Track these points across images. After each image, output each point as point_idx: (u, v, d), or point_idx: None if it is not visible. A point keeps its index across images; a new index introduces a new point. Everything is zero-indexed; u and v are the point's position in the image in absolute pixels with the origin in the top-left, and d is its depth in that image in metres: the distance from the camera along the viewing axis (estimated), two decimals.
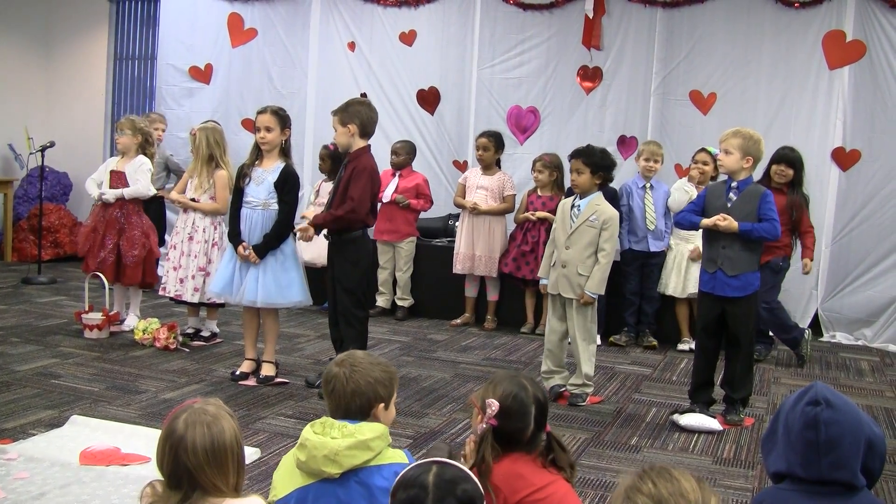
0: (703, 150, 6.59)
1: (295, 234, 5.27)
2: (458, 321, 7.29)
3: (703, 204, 4.80)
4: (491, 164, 7.18)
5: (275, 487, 2.50)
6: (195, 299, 5.88)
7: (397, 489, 1.96)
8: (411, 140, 7.83)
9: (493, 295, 7.28)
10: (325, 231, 5.13)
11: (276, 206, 5.12)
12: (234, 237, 5.18)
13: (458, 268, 7.20)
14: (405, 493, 1.93)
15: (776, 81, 7.42)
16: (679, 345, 6.71)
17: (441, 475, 1.95)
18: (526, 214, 6.92)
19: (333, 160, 7.29)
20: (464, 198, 7.23)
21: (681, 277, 6.57)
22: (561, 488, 2.45)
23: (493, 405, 2.44)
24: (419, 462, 2.03)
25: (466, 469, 2.02)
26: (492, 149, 7.12)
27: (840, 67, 7.24)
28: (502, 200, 7.15)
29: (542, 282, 5.25)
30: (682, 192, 6.46)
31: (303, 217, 5.22)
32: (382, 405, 2.53)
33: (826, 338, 7.32)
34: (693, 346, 6.62)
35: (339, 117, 5.00)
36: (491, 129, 7.45)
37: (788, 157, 6.14)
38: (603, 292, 5.07)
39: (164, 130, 8.01)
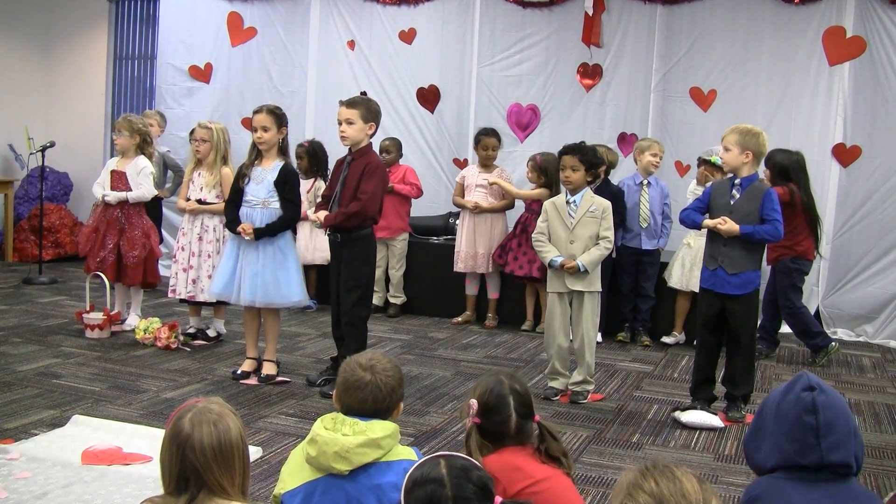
0: (706, 161, 6.36)
1: (295, 233, 5.27)
2: (459, 319, 7.29)
3: (708, 201, 4.80)
4: (490, 159, 7.20)
5: (283, 480, 2.51)
6: (213, 299, 5.86)
7: (411, 488, 1.95)
8: (400, 138, 7.80)
9: (493, 293, 7.27)
10: (327, 229, 5.10)
11: (275, 205, 5.10)
12: (233, 222, 5.16)
13: (460, 266, 7.19)
14: (422, 489, 1.93)
15: (776, 78, 7.41)
16: (665, 337, 6.76)
17: (452, 465, 1.96)
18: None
19: (311, 157, 7.29)
20: (462, 196, 7.23)
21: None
22: (560, 483, 2.47)
23: (473, 404, 2.54)
24: (424, 459, 2.03)
25: (471, 458, 2.04)
26: (499, 147, 7.16)
27: (840, 63, 7.24)
28: (502, 197, 7.15)
29: (557, 259, 5.05)
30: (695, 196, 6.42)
31: (312, 221, 5.15)
32: (402, 404, 2.61)
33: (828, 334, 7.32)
34: (678, 340, 6.72)
35: (360, 112, 4.93)
36: (490, 126, 7.44)
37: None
38: (590, 271, 4.99)
39: (161, 129, 8.01)
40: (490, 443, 2.51)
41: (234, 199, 5.21)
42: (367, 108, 4.98)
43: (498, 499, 1.96)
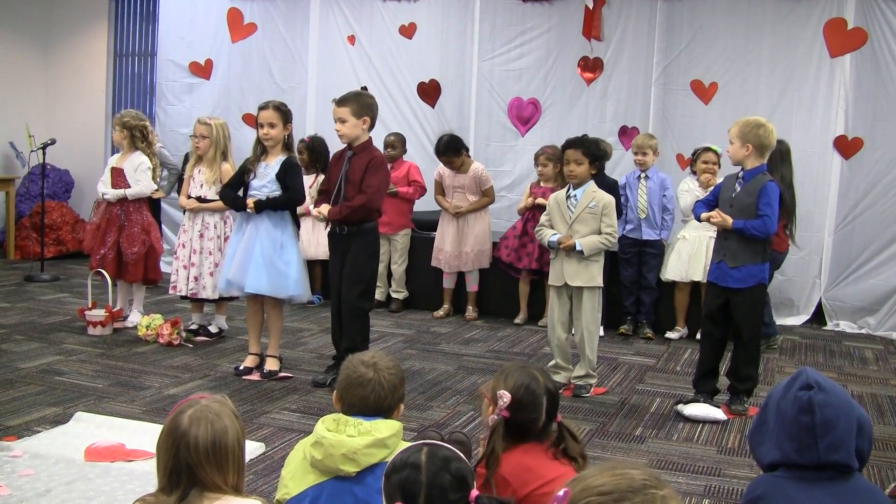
0: (707, 149, 6.47)
1: (298, 227, 5.28)
2: (441, 313, 7.28)
3: (717, 194, 4.82)
4: (461, 164, 7.11)
5: (286, 485, 2.47)
6: (215, 296, 5.87)
7: (390, 472, 1.96)
8: (401, 132, 7.77)
9: (472, 286, 7.27)
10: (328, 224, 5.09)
11: None
12: (235, 199, 5.17)
13: (444, 266, 7.21)
14: (398, 475, 1.94)
15: (777, 70, 7.40)
16: (669, 332, 6.74)
17: (433, 454, 1.96)
18: (529, 200, 6.85)
19: (311, 153, 7.30)
20: (443, 195, 7.22)
21: (702, 261, 6.48)
22: None
23: (505, 397, 2.46)
24: (409, 446, 2.04)
25: (455, 450, 2.02)
26: (455, 160, 7.04)
27: (841, 55, 7.21)
28: (482, 195, 7.15)
29: (555, 237, 5.04)
30: (689, 195, 6.43)
31: (315, 216, 5.07)
32: (402, 405, 2.59)
33: (830, 326, 7.31)
34: (681, 335, 6.72)
35: (350, 108, 4.88)
36: (491, 119, 7.36)
37: None
38: (587, 254, 4.96)
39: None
40: (509, 436, 2.47)
41: (233, 183, 5.22)
42: (358, 103, 4.93)
43: (474, 492, 1.95)
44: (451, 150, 7.02)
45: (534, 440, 2.50)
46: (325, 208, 4.96)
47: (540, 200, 6.71)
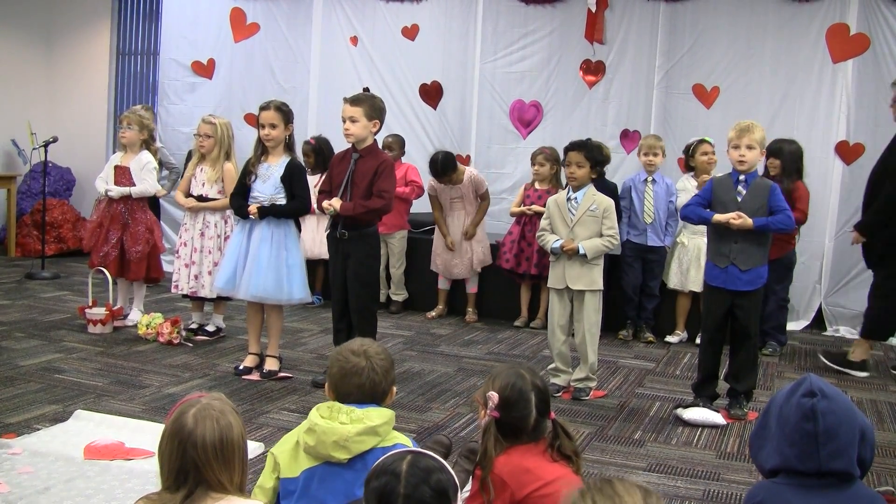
0: (703, 141, 6.53)
1: (300, 229, 5.28)
2: (434, 314, 7.29)
3: (710, 198, 4.76)
4: (456, 178, 7.08)
5: (278, 464, 2.54)
6: (214, 295, 5.88)
7: (371, 477, 1.95)
8: (403, 134, 7.81)
9: (471, 288, 7.27)
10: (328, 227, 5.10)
11: (282, 202, 5.11)
12: (241, 208, 5.16)
13: (444, 272, 7.22)
14: (377, 481, 1.93)
15: (779, 75, 7.40)
16: (669, 336, 6.73)
17: (415, 464, 1.94)
18: (522, 209, 6.89)
19: (317, 154, 7.31)
20: (441, 209, 7.15)
21: (701, 272, 6.49)
22: (571, 484, 2.45)
23: (494, 397, 2.49)
24: (395, 451, 2.03)
25: (442, 460, 2.01)
26: (454, 176, 7.01)
27: (844, 61, 7.22)
28: (481, 198, 7.15)
29: (558, 243, 5.03)
30: (686, 194, 6.44)
31: (325, 208, 4.93)
32: (394, 388, 2.63)
33: (829, 332, 7.31)
34: (681, 339, 6.71)
35: (363, 109, 4.87)
36: (493, 122, 7.33)
37: (771, 148, 6.11)
38: (590, 257, 4.97)
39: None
40: (503, 437, 2.49)
41: (240, 190, 5.22)
42: (371, 106, 4.93)
43: None
44: (449, 168, 6.98)
45: (529, 439, 2.52)
46: (336, 202, 4.88)
47: (535, 208, 6.73)
